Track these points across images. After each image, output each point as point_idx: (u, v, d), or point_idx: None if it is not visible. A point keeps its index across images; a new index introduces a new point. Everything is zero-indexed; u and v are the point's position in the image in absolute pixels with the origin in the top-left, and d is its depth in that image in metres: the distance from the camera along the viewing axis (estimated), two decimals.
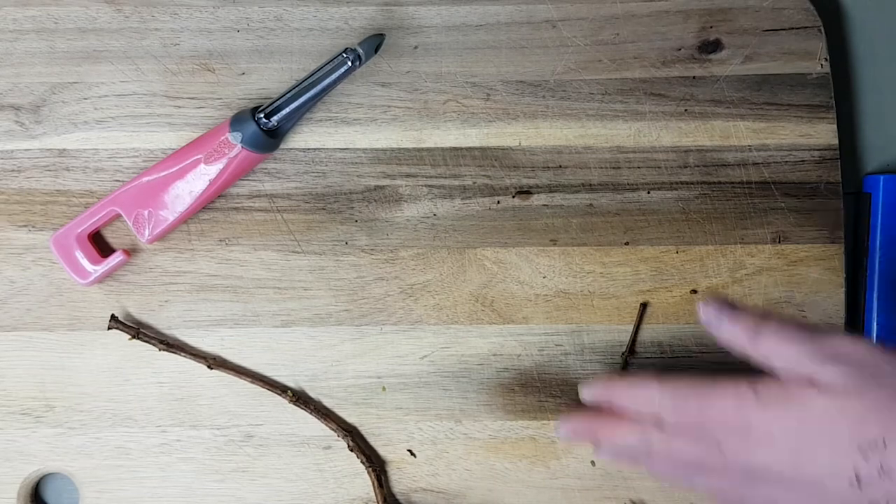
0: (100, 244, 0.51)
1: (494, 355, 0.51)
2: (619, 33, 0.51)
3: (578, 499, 0.51)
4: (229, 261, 0.51)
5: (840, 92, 0.52)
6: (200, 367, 0.50)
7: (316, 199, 0.51)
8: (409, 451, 0.51)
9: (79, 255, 0.49)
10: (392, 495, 0.50)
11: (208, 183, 0.49)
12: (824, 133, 0.51)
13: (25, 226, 0.51)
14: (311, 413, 0.50)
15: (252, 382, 0.50)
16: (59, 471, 0.51)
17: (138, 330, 0.50)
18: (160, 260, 0.51)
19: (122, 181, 0.50)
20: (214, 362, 0.50)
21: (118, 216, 0.50)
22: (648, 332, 0.51)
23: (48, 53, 0.51)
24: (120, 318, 0.50)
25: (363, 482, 0.50)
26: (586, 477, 0.51)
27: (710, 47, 0.51)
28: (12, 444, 0.50)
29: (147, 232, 0.49)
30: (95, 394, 0.50)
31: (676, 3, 0.51)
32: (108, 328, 0.49)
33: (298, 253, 0.51)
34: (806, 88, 0.51)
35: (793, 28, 0.51)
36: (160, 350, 0.50)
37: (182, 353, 0.50)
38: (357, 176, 0.51)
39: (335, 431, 0.50)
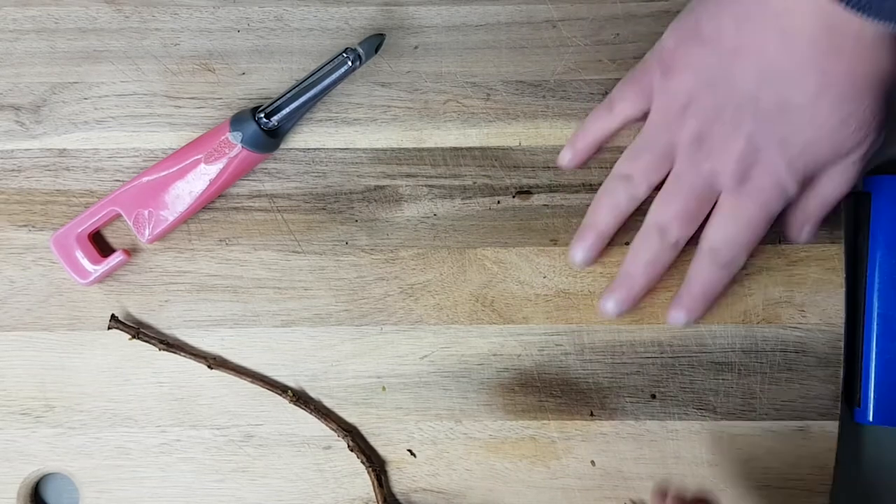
0: (100, 244, 0.51)
1: (494, 355, 0.51)
2: (619, 33, 0.51)
3: (578, 499, 0.51)
4: (229, 261, 0.51)
5: None
6: (200, 367, 0.50)
7: (316, 199, 0.51)
8: (409, 451, 0.51)
9: (79, 254, 0.49)
10: (392, 495, 0.50)
11: (208, 183, 0.49)
12: None
13: (25, 226, 0.51)
14: (311, 413, 0.50)
15: (252, 382, 0.50)
16: (59, 471, 0.51)
17: (138, 330, 0.50)
18: (160, 260, 0.51)
19: (123, 181, 0.50)
20: (215, 362, 0.50)
21: (118, 216, 0.50)
22: (648, 332, 0.51)
23: (48, 53, 0.51)
24: (120, 318, 0.50)
25: (363, 482, 0.50)
26: (586, 477, 0.51)
27: None
28: (12, 444, 0.50)
29: (147, 232, 0.49)
30: (95, 394, 0.50)
31: (676, 3, 0.51)
32: (108, 328, 0.49)
33: (298, 253, 0.51)
34: None
35: None
36: (160, 350, 0.50)
37: (182, 353, 0.50)
38: (357, 176, 0.51)
39: (335, 431, 0.50)
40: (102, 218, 0.49)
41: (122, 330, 0.49)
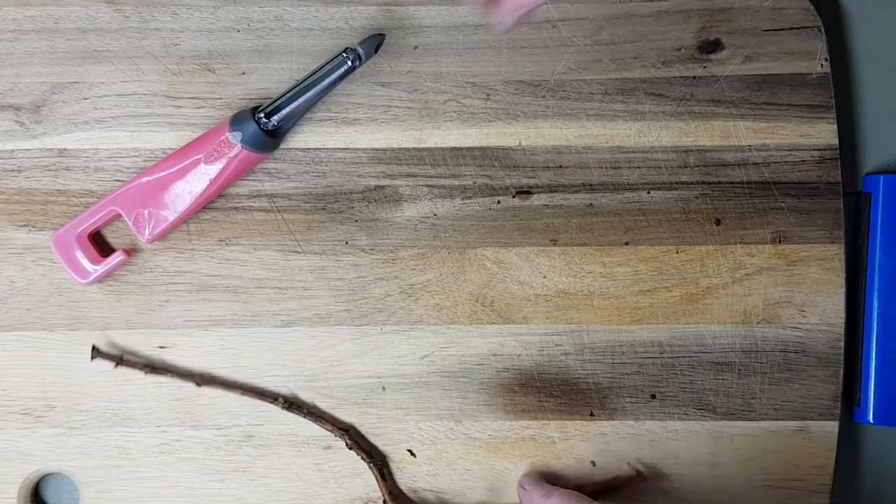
0: (100, 244, 0.51)
1: (494, 355, 0.51)
2: (619, 33, 0.51)
3: None
4: (229, 261, 0.51)
5: (840, 92, 0.52)
6: (200, 367, 0.50)
7: (316, 199, 0.51)
8: (409, 451, 0.51)
9: (79, 254, 0.49)
10: (397, 487, 0.50)
11: (208, 183, 0.49)
12: (824, 133, 0.51)
13: (25, 226, 0.51)
14: (305, 417, 0.50)
15: (242, 394, 0.50)
16: (59, 471, 0.51)
17: (121, 357, 0.49)
18: (160, 260, 0.51)
19: (123, 181, 0.50)
20: (202, 380, 0.50)
21: (118, 216, 0.50)
22: (648, 332, 0.51)
23: (48, 53, 0.51)
24: (100, 349, 0.50)
25: (363, 482, 0.50)
26: (586, 477, 0.51)
27: (710, 47, 0.51)
28: (12, 444, 0.50)
29: (147, 232, 0.49)
30: (95, 394, 0.50)
31: (676, 3, 0.51)
32: (91, 359, 0.49)
33: (298, 253, 0.51)
34: (806, 88, 0.51)
35: (793, 28, 0.51)
36: (146, 374, 0.49)
37: (169, 375, 0.50)
38: (357, 176, 0.51)
39: (332, 432, 0.50)
40: (102, 218, 0.49)
41: (104, 359, 0.49)
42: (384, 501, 0.49)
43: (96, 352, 0.49)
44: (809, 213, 0.51)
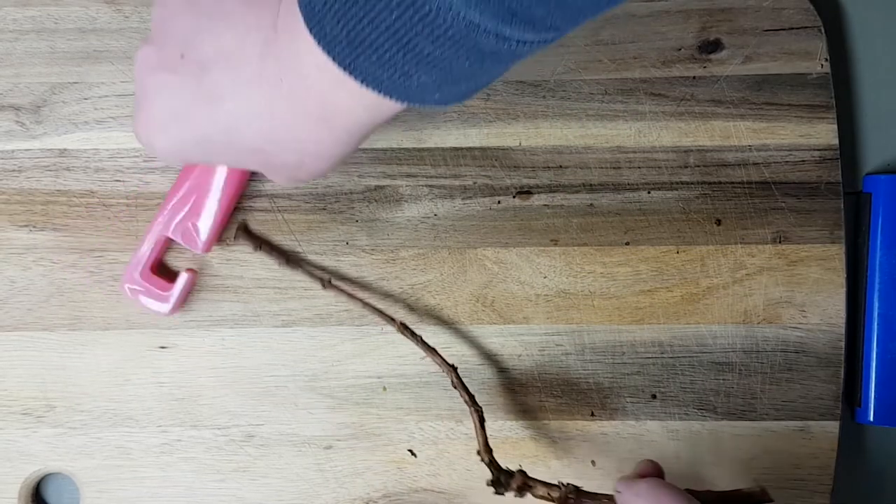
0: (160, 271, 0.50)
1: (495, 355, 0.51)
2: (619, 33, 0.51)
3: None
4: (229, 261, 0.51)
5: (840, 92, 0.52)
6: (200, 367, 0.50)
7: (316, 199, 0.51)
8: (410, 450, 0.51)
9: (151, 288, 0.49)
10: (486, 440, 0.48)
11: (225, 182, 0.48)
12: (824, 133, 0.51)
13: (26, 226, 0.51)
14: (416, 344, 0.49)
15: (363, 307, 0.50)
16: (59, 471, 0.51)
17: (261, 242, 0.50)
18: None
19: (123, 181, 0.50)
20: (329, 283, 0.50)
21: (169, 241, 0.49)
22: (649, 333, 0.51)
23: (48, 53, 0.51)
24: (244, 230, 0.50)
25: (363, 482, 0.50)
26: (586, 477, 0.51)
27: (710, 47, 0.51)
28: (13, 444, 0.50)
29: (199, 242, 0.49)
30: (96, 394, 0.50)
31: (676, 3, 0.51)
32: (234, 237, 0.50)
33: (299, 253, 0.51)
34: (806, 88, 0.51)
35: (793, 28, 0.51)
36: (279, 266, 0.50)
37: (301, 270, 0.50)
38: (357, 176, 0.51)
39: (439, 366, 0.49)
40: (156, 247, 0.49)
41: (245, 241, 0.50)
42: (478, 451, 0.48)
43: (241, 231, 0.50)
44: (810, 213, 0.51)
